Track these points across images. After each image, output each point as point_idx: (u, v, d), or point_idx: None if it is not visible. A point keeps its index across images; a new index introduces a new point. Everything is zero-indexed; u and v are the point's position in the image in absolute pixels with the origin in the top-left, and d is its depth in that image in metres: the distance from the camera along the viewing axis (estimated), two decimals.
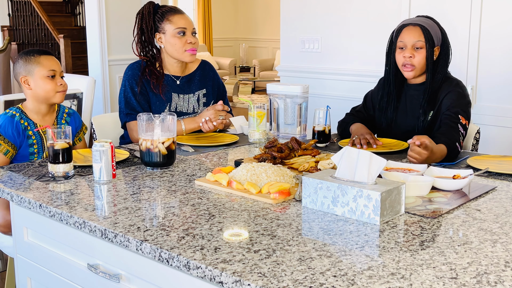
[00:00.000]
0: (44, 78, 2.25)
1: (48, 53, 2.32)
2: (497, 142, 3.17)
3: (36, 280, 1.77)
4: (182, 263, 1.18)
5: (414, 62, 2.25)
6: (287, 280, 1.06)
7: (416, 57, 2.25)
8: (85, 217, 1.44)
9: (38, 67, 2.25)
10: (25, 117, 2.27)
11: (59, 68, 2.31)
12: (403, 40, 2.27)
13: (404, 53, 2.26)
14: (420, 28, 2.25)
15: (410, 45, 2.25)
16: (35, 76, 2.25)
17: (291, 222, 1.39)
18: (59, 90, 2.28)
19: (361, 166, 1.45)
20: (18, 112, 2.27)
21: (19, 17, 8.01)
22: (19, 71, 2.28)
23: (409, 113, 2.35)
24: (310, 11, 4.01)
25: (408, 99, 2.36)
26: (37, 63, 2.26)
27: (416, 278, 1.07)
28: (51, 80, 2.26)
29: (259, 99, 10.02)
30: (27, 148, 2.26)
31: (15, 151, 2.22)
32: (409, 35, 2.26)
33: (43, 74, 2.25)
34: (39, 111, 2.30)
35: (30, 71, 2.26)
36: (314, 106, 2.60)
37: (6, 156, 2.20)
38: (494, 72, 3.18)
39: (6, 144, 2.19)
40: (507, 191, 1.67)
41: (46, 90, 2.26)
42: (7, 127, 2.22)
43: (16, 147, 2.22)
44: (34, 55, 2.27)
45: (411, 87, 2.37)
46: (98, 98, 5.10)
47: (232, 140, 2.39)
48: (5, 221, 2.14)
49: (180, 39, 2.51)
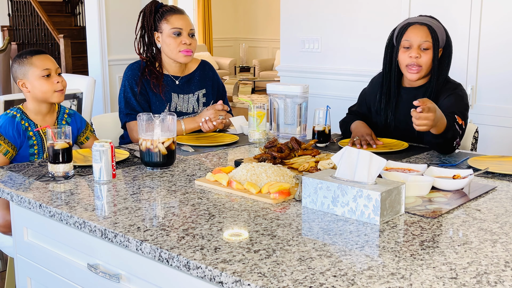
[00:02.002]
0: (39, 78, 2.21)
1: (40, 52, 2.27)
2: (497, 142, 3.17)
3: (36, 280, 1.77)
4: (182, 263, 1.18)
5: (420, 63, 2.18)
6: (287, 280, 1.06)
7: (422, 57, 2.17)
8: (85, 217, 1.44)
9: (31, 68, 2.21)
10: (25, 117, 2.25)
11: (54, 66, 2.26)
12: (409, 39, 2.18)
13: (410, 53, 2.17)
14: (428, 28, 2.18)
15: (417, 45, 2.17)
16: (30, 77, 2.21)
17: (291, 222, 1.39)
18: (57, 89, 2.24)
19: (361, 166, 1.45)
20: (19, 112, 2.26)
21: (19, 17, 8.01)
22: (16, 75, 2.25)
23: (407, 115, 2.31)
24: (310, 11, 4.01)
25: (405, 101, 2.31)
26: (30, 64, 2.22)
27: (416, 278, 1.07)
28: (46, 80, 2.22)
29: (259, 99, 10.02)
30: (27, 149, 2.25)
31: (15, 152, 2.22)
32: (416, 34, 2.17)
33: (37, 74, 2.21)
34: (39, 111, 2.29)
35: (24, 73, 2.22)
36: (314, 106, 2.60)
37: (5, 157, 2.19)
38: (494, 72, 3.18)
39: (6, 144, 2.18)
40: (507, 191, 1.67)
41: (43, 90, 2.22)
42: (8, 127, 2.20)
43: (16, 147, 2.21)
44: (26, 57, 2.23)
45: (406, 91, 2.30)
46: (98, 98, 5.10)
47: (232, 140, 2.39)
48: (5, 221, 2.14)
49: (174, 39, 2.50)
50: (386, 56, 2.33)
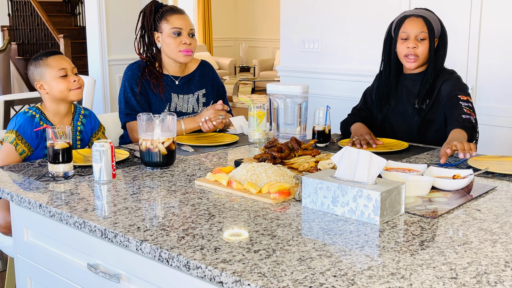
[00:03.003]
0: (56, 78, 2.21)
1: (55, 53, 2.27)
2: (497, 142, 3.17)
3: (36, 280, 1.77)
4: (182, 263, 1.18)
5: (417, 53, 2.30)
6: (287, 280, 1.06)
7: (419, 48, 2.30)
8: (85, 217, 1.44)
9: (48, 69, 2.21)
10: (44, 118, 2.23)
11: (70, 65, 2.26)
12: (406, 31, 2.31)
13: (408, 44, 2.30)
14: (423, 20, 2.30)
15: (414, 36, 2.29)
16: (47, 78, 2.21)
17: (291, 222, 1.39)
18: (73, 87, 2.23)
19: (361, 166, 1.45)
20: (38, 113, 2.23)
21: (19, 17, 8.01)
22: (33, 78, 2.24)
23: (405, 102, 2.40)
24: (310, 11, 4.01)
25: (404, 89, 2.41)
26: (46, 65, 2.22)
27: (416, 278, 1.07)
28: (63, 79, 2.22)
29: (259, 99, 10.02)
30: (42, 150, 2.21)
31: (30, 152, 2.19)
32: (412, 26, 2.29)
33: (54, 75, 2.21)
34: (58, 112, 2.26)
35: (41, 75, 2.22)
36: (314, 106, 2.60)
37: (21, 157, 2.16)
38: (494, 72, 3.18)
39: (23, 144, 2.15)
40: (507, 191, 1.67)
41: (60, 90, 2.21)
42: (27, 127, 2.17)
43: (32, 148, 2.19)
44: (42, 59, 2.23)
45: (407, 77, 2.42)
46: (98, 98, 5.10)
47: (232, 140, 2.39)
48: (6, 222, 2.13)
49: (174, 39, 2.50)
50: (385, 48, 2.44)
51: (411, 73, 2.40)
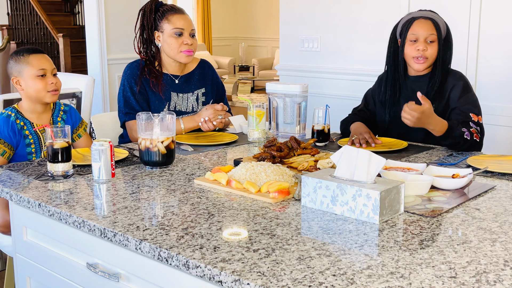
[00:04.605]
0: (34, 77, 2.20)
1: (38, 51, 2.26)
2: (497, 142, 3.17)
3: (35, 280, 1.77)
4: (182, 262, 1.18)
5: (427, 55, 2.31)
6: (287, 279, 1.06)
7: (428, 50, 2.30)
8: (84, 216, 1.44)
9: (27, 67, 2.20)
10: (21, 116, 2.24)
11: (50, 66, 2.25)
12: (415, 33, 2.31)
13: (418, 46, 2.30)
14: (432, 22, 2.30)
15: (423, 38, 2.29)
16: (25, 76, 2.20)
17: (290, 221, 1.39)
18: (49, 89, 2.23)
19: (361, 165, 1.45)
20: (14, 112, 2.24)
21: (18, 16, 8.01)
22: (11, 72, 2.24)
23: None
24: (309, 10, 4.01)
25: (410, 91, 2.39)
26: (26, 62, 2.21)
27: (416, 277, 1.07)
28: (41, 80, 2.21)
29: (259, 98, 10.02)
30: (24, 148, 2.24)
31: (12, 151, 2.21)
32: (422, 28, 2.30)
33: (32, 73, 2.20)
34: (34, 110, 2.27)
35: (20, 71, 2.21)
36: (314, 105, 2.60)
37: (3, 157, 2.18)
38: (493, 71, 3.18)
39: (2, 145, 2.17)
40: (506, 190, 1.67)
41: (36, 90, 2.21)
42: (3, 127, 2.19)
43: (13, 147, 2.20)
44: (23, 55, 2.22)
45: (412, 79, 2.41)
46: (97, 97, 5.10)
47: (231, 139, 2.39)
48: (5, 221, 2.13)
49: (176, 39, 2.50)
50: (390, 49, 2.43)
51: (416, 75, 2.39)
